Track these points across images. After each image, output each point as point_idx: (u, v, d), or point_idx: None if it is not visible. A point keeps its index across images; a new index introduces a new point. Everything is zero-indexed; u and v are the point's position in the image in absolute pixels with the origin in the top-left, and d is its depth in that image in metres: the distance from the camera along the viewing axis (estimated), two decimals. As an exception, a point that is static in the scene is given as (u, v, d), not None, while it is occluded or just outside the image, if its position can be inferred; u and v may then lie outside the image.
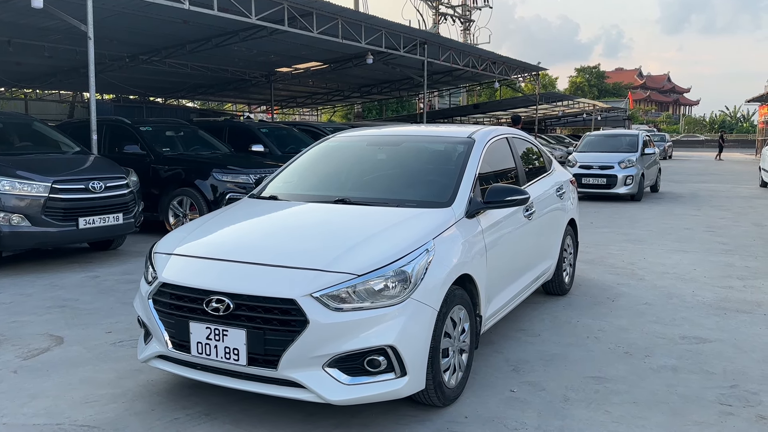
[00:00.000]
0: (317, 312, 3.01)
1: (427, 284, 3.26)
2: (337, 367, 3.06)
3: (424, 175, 4.35)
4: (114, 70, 17.23)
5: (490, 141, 4.65)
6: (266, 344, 3.06)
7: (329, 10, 13.23)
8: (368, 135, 5.02)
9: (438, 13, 37.20)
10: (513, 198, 4.04)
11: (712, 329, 4.98)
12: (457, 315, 3.57)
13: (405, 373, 3.13)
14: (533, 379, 3.97)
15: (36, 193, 6.79)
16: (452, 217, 3.75)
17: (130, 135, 9.81)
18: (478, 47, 24.44)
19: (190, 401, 3.59)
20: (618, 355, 4.40)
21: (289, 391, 3.09)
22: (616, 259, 7.71)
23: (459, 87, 28.55)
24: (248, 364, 3.11)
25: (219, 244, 3.56)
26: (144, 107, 23.25)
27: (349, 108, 34.27)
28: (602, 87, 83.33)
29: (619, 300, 5.82)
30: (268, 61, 18.96)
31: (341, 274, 3.10)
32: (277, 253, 3.34)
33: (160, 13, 11.81)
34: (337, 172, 4.65)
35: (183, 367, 3.37)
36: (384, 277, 3.14)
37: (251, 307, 3.10)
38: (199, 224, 3.94)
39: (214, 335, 3.16)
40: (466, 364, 3.73)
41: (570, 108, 36.39)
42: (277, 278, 3.14)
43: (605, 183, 14.40)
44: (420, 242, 3.37)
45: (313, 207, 4.03)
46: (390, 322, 3.08)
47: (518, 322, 5.10)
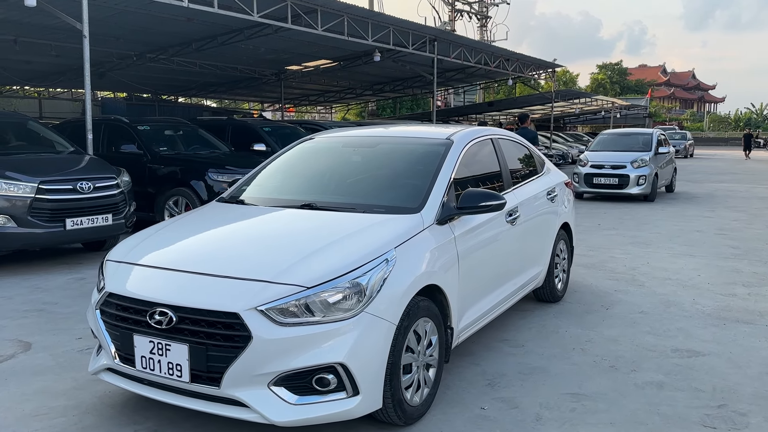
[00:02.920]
0: (262, 327, 2.83)
1: (385, 297, 3.06)
2: (283, 385, 2.89)
3: (397, 178, 4.15)
4: (122, 68, 17.24)
5: (471, 143, 4.43)
6: (209, 360, 2.89)
7: (334, 7, 13.05)
8: (345, 136, 4.84)
9: (454, 9, 36.83)
10: (488, 203, 3.82)
11: (708, 341, 4.71)
12: (422, 328, 3.37)
13: (357, 392, 2.94)
14: (508, 395, 3.76)
15: (22, 193, 6.71)
16: (420, 224, 3.54)
17: (128, 134, 9.74)
18: (491, 44, 24.10)
19: (142, 416, 3.44)
20: (602, 369, 4.16)
21: (232, 410, 2.92)
22: (617, 263, 7.43)
23: (473, 84, 28.20)
24: (191, 381, 2.95)
25: (169, 253, 3.40)
26: (156, 105, 23.28)
27: (363, 106, 34.09)
28: (624, 84, 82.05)
29: (614, 308, 5.57)
30: (277, 59, 18.83)
31: (289, 286, 2.92)
32: (226, 262, 3.17)
33: (162, 11, 11.72)
34: (309, 175, 4.47)
35: (130, 381, 3.21)
36: (336, 290, 2.95)
37: (195, 321, 2.93)
38: (156, 230, 3.78)
39: (158, 349, 3.01)
40: (433, 379, 3.53)
41: (588, 105, 35.83)
42: (222, 290, 2.97)
43: (617, 183, 14.04)
44: (379, 252, 3.18)
45: (277, 212, 3.85)
46: (340, 338, 2.89)
47: (502, 332, 4.88)
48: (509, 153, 5.08)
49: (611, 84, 79.05)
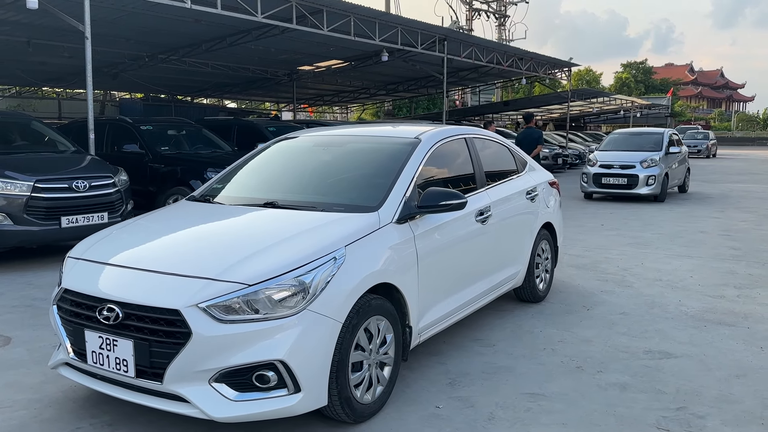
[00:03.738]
0: (202, 323, 2.87)
1: (330, 294, 3.08)
2: (224, 382, 2.93)
3: (361, 177, 4.17)
4: (135, 69, 17.51)
5: (440, 142, 4.43)
6: (152, 356, 2.95)
7: (341, 8, 13.10)
8: (317, 135, 4.86)
9: (471, 8, 36.69)
10: (448, 202, 3.82)
11: (683, 343, 4.65)
12: (374, 326, 3.39)
13: (299, 389, 2.97)
14: (466, 394, 3.75)
15: (18, 192, 6.86)
16: (376, 223, 3.56)
17: (131, 134, 9.91)
18: (504, 43, 23.95)
19: (101, 410, 3.50)
20: (568, 370, 4.14)
21: (175, 405, 2.96)
22: (610, 264, 7.36)
23: (488, 84, 28.07)
24: (136, 376, 3.00)
25: (124, 250, 3.46)
26: (172, 106, 23.58)
27: (378, 106, 34.13)
28: (649, 83, 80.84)
29: (595, 309, 5.52)
30: (289, 60, 18.96)
31: (231, 283, 2.95)
32: (176, 260, 3.22)
33: (168, 13, 11.88)
34: (277, 174, 4.52)
35: (84, 376, 3.29)
36: (278, 287, 2.98)
37: (139, 317, 2.99)
38: (118, 228, 3.85)
39: (106, 345, 3.07)
40: (388, 378, 3.54)
41: (607, 105, 35.43)
42: (166, 287, 3.02)
43: (626, 183, 13.87)
44: (327, 249, 3.20)
45: (239, 211, 3.90)
46: (281, 335, 2.92)
47: (476, 331, 4.88)
48: (485, 153, 5.06)
49: (636, 83, 77.97)
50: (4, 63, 16.42)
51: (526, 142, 12.27)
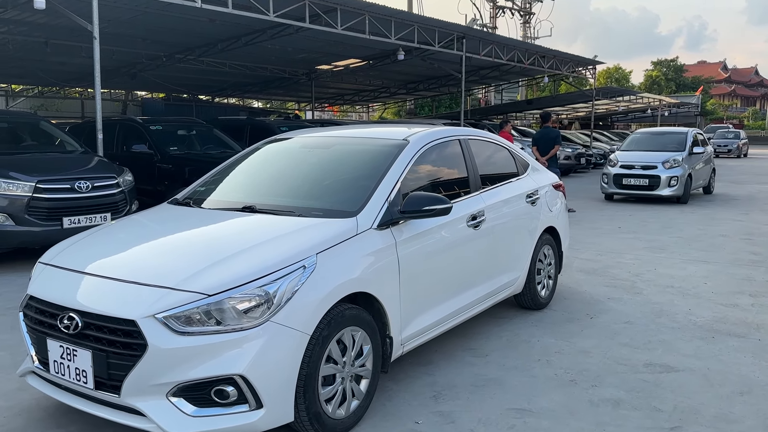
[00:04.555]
0: (159, 335, 2.75)
1: (297, 305, 2.94)
2: (183, 396, 2.80)
3: (344, 181, 4.02)
4: (153, 69, 17.59)
5: (430, 144, 4.25)
6: (110, 368, 2.84)
7: (355, 6, 12.94)
8: (306, 137, 4.72)
9: (495, 6, 36.25)
10: (432, 207, 3.65)
11: (687, 356, 4.41)
12: (349, 337, 3.24)
13: (261, 405, 2.83)
14: (449, 408, 3.58)
15: (20, 192, 6.86)
16: (353, 229, 3.40)
17: (140, 134, 9.90)
18: (525, 41, 23.54)
19: (69, 419, 3.41)
20: (561, 383, 3.94)
21: (133, 419, 2.85)
22: (622, 269, 7.10)
23: (510, 82, 27.68)
24: (95, 388, 2.90)
25: (91, 256, 3.35)
26: (194, 105, 23.71)
27: (400, 105, 33.92)
28: (680, 81, 79.09)
29: (599, 317, 5.30)
30: (307, 59, 18.87)
31: (191, 293, 2.83)
32: (140, 268, 3.11)
33: (182, 12, 11.85)
34: (260, 177, 4.39)
35: (49, 385, 3.19)
36: (240, 298, 2.85)
37: (98, 327, 2.88)
38: (93, 231, 3.76)
39: (67, 354, 2.97)
40: (365, 391, 3.39)
41: (634, 103, 34.71)
42: (125, 296, 2.90)
43: (647, 184, 13.49)
44: (296, 258, 3.06)
45: (215, 215, 3.78)
46: (242, 349, 2.79)
47: (470, 340, 4.69)
48: (482, 155, 4.88)
49: (666, 81, 76.41)
50: (25, 63, 16.64)
51: (543, 141, 12.04)
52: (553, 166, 11.98)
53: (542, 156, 11.86)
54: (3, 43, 13.95)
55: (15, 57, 15.74)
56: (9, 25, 13.01)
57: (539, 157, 11.89)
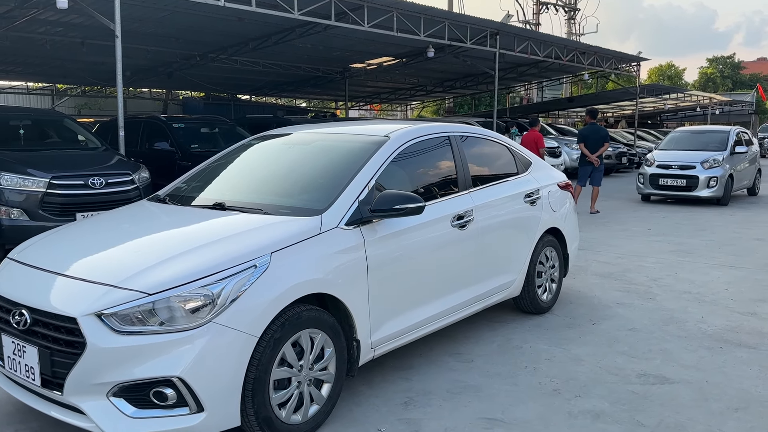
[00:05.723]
0: (98, 333, 2.70)
1: (244, 306, 2.85)
2: (123, 396, 2.75)
3: (317, 178, 3.90)
4: (188, 68, 17.85)
5: (412, 141, 4.11)
6: (53, 365, 2.81)
7: (382, 3, 12.80)
8: (288, 134, 4.63)
9: (539, 2, 35.55)
10: (403, 206, 3.51)
11: (687, 367, 4.15)
12: (306, 340, 3.13)
13: (201, 408, 2.75)
14: (417, 416, 3.44)
15: (35, 188, 6.99)
16: (316, 228, 3.29)
17: (163, 132, 10.03)
18: (562, 36, 22.95)
19: (34, 416, 3.40)
20: (542, 393, 3.74)
21: (75, 418, 2.81)
22: (640, 273, 6.78)
23: (552, 80, 27.08)
24: (42, 385, 2.87)
25: (55, 252, 3.34)
26: (232, 104, 24.03)
27: (439, 103, 33.63)
28: (737, 79, 76.08)
29: (602, 323, 5.05)
30: (340, 58, 18.84)
31: (131, 291, 2.77)
32: (92, 264, 3.08)
33: (210, 11, 11.96)
34: (239, 173, 4.32)
35: (7, 381, 3.19)
36: (181, 298, 2.77)
37: (45, 324, 2.86)
38: (64, 228, 3.77)
39: (17, 350, 2.96)
40: (327, 396, 3.27)
41: (683, 101, 33.52)
42: (71, 293, 2.87)
43: (685, 185, 12.95)
44: (248, 257, 2.97)
45: (182, 213, 3.74)
46: (181, 350, 2.71)
47: (459, 344, 4.53)
48: (475, 152, 4.71)
49: (722, 79, 73.68)
50: (66, 63, 17.12)
51: (593, 138, 11.61)
52: (600, 164, 11.61)
53: (591, 153, 11.48)
54: (41, 43, 14.37)
55: (55, 57, 16.21)
56: (46, 26, 13.39)
57: (589, 154, 11.51)
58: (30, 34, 13.86)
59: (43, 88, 23.95)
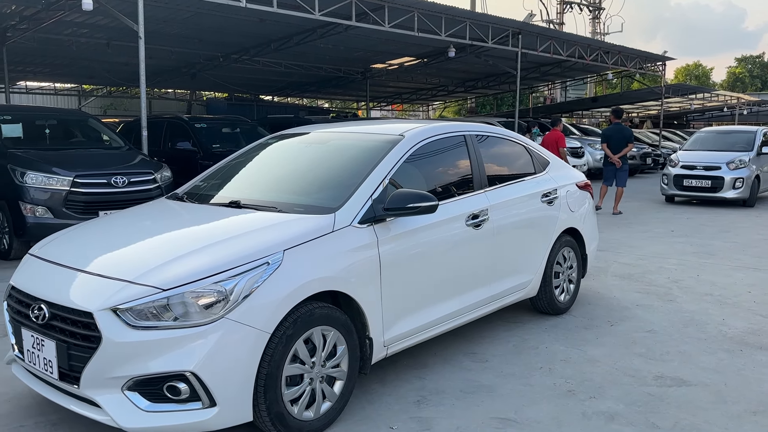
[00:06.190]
0: (114, 328, 2.75)
1: (256, 302, 2.88)
2: (137, 390, 2.79)
3: (332, 176, 3.93)
4: (211, 69, 18.05)
5: (427, 140, 4.11)
6: (70, 359, 2.86)
7: (403, 3, 12.82)
8: (304, 133, 4.66)
9: (563, 1, 35.23)
10: (416, 205, 3.51)
11: (705, 369, 4.09)
12: (318, 337, 3.15)
13: (214, 403, 2.78)
14: (429, 414, 3.44)
15: (59, 186, 7.13)
16: (329, 226, 3.31)
17: (185, 132, 10.15)
18: (585, 36, 22.73)
19: (52, 408, 3.47)
20: (557, 394, 3.72)
21: (91, 410, 2.86)
22: (661, 274, 6.70)
23: (575, 79, 26.84)
24: (60, 379, 2.93)
25: (71, 248, 3.41)
26: (255, 105, 24.23)
27: (461, 103, 33.54)
28: (767, 78, 74.75)
29: (620, 325, 5.00)
30: (361, 58, 18.90)
31: (146, 287, 2.81)
32: (110, 260, 3.13)
33: (231, 12, 12.09)
34: (256, 172, 4.36)
35: (27, 374, 3.26)
36: (195, 294, 2.81)
37: (62, 318, 2.92)
38: (83, 225, 3.83)
39: (36, 344, 3.03)
40: (339, 393, 3.29)
41: (709, 101, 33.00)
42: (88, 288, 2.92)
43: (710, 186, 12.77)
44: (260, 254, 3.00)
45: (199, 210, 3.79)
46: (194, 345, 2.75)
47: (474, 344, 4.52)
48: (491, 152, 4.69)
49: (751, 78, 72.37)
50: (92, 64, 17.42)
51: (616, 138, 11.48)
52: (624, 164, 11.48)
53: (614, 154, 11.36)
54: (67, 44, 14.63)
55: (81, 58, 16.50)
56: (72, 27, 13.63)
57: (611, 155, 11.40)
58: (57, 35, 14.13)
59: (70, 88, 24.40)
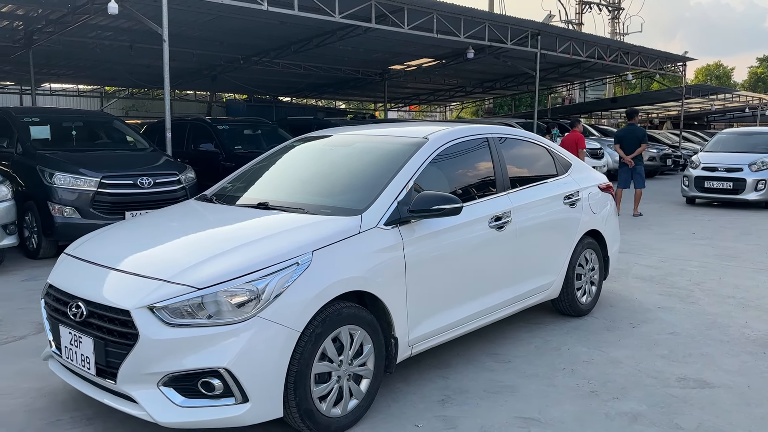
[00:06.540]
0: (150, 326, 2.84)
1: (287, 301, 2.96)
2: (172, 386, 2.88)
3: (357, 178, 4.00)
4: (231, 71, 18.24)
5: (451, 143, 4.17)
6: (108, 355, 2.96)
7: (422, 5, 12.88)
8: (328, 135, 4.73)
9: (581, 2, 35.05)
10: (441, 207, 3.57)
11: (729, 371, 4.10)
12: (345, 336, 3.22)
13: (246, 399, 2.86)
14: (454, 413, 3.49)
15: (86, 187, 7.28)
16: (356, 227, 3.38)
17: (208, 133, 10.29)
18: (605, 36, 22.61)
19: (87, 403, 3.58)
20: (579, 394, 3.75)
21: (127, 405, 2.96)
22: (683, 277, 6.69)
23: (594, 80, 26.72)
24: (96, 374, 3.03)
25: (106, 248, 3.51)
26: (273, 106, 24.40)
27: (478, 104, 33.50)
28: (790, 78, 73.66)
29: (642, 327, 5.01)
30: (380, 59, 18.99)
31: (181, 286, 2.90)
32: (144, 260, 3.22)
33: (252, 15, 12.22)
34: (282, 174, 4.45)
35: (64, 369, 3.36)
36: (228, 293, 2.89)
37: (100, 316, 3.01)
38: (117, 225, 3.94)
39: (74, 341, 3.12)
40: (365, 391, 3.36)
41: (730, 102, 32.66)
42: (124, 287, 3.02)
43: (731, 188, 12.67)
44: (290, 254, 3.07)
45: (228, 212, 3.88)
46: (228, 342, 2.83)
47: (496, 345, 4.56)
48: (513, 154, 4.73)
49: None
50: (115, 66, 17.69)
51: (628, 139, 11.47)
52: (639, 165, 11.43)
53: (627, 155, 11.34)
54: (91, 47, 14.87)
55: (104, 60, 16.76)
56: (96, 30, 13.87)
57: (624, 155, 11.38)
58: (81, 38, 14.38)
59: (92, 90, 24.76)
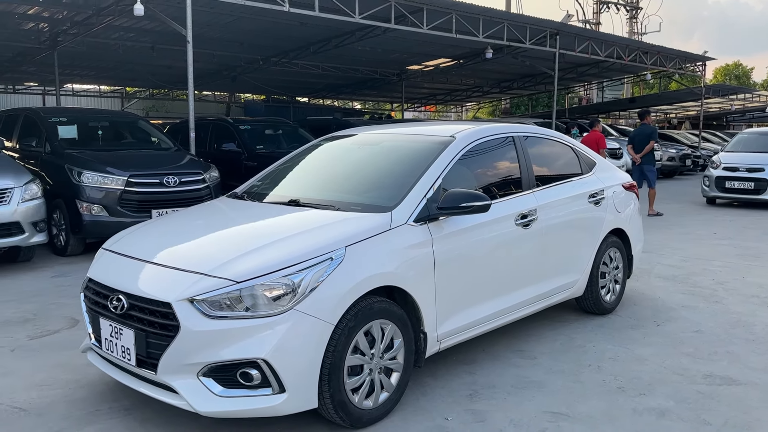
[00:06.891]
0: (191, 318, 2.93)
1: (322, 295, 3.03)
2: (212, 376, 2.97)
3: (387, 176, 4.06)
4: (251, 72, 18.41)
5: (478, 141, 4.22)
6: (148, 347, 3.05)
7: (441, 5, 12.94)
8: (360, 134, 4.81)
9: (599, 1, 34.88)
10: (470, 204, 3.63)
11: (755, 369, 4.11)
12: (377, 330, 3.29)
13: (283, 389, 2.94)
14: (482, 407, 3.55)
15: (114, 185, 7.42)
16: (386, 224, 3.45)
17: (230, 133, 10.42)
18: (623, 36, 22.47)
19: (124, 394, 3.67)
20: (606, 390, 3.79)
21: (167, 396, 3.05)
22: (705, 276, 6.69)
23: (612, 80, 26.59)
24: (137, 365, 3.12)
25: (145, 243, 3.61)
26: (291, 107, 24.57)
27: (495, 104, 33.46)
28: (810, 77, 72.77)
29: (667, 325, 5.03)
30: (397, 60, 19.07)
31: (221, 279, 2.98)
32: (183, 255, 3.32)
33: (273, 16, 12.35)
34: (311, 172, 4.54)
35: (102, 361, 3.46)
36: (266, 286, 2.97)
37: (140, 308, 3.10)
38: (153, 221, 4.05)
39: (114, 333, 3.22)
40: (396, 384, 3.42)
41: (750, 102, 32.32)
42: (164, 280, 3.11)
43: (752, 188, 12.59)
44: (325, 249, 3.15)
45: (260, 208, 3.96)
46: (266, 334, 2.91)
47: (521, 341, 4.61)
48: (538, 152, 4.78)
49: (794, 77, 70.61)
50: (136, 67, 17.94)
51: (639, 138, 11.56)
52: (649, 164, 11.43)
53: (636, 153, 11.38)
54: (114, 48, 15.09)
55: (126, 61, 16.99)
56: (119, 32, 14.08)
57: (634, 155, 11.42)
58: (105, 39, 14.60)
59: (113, 90, 25.09)
